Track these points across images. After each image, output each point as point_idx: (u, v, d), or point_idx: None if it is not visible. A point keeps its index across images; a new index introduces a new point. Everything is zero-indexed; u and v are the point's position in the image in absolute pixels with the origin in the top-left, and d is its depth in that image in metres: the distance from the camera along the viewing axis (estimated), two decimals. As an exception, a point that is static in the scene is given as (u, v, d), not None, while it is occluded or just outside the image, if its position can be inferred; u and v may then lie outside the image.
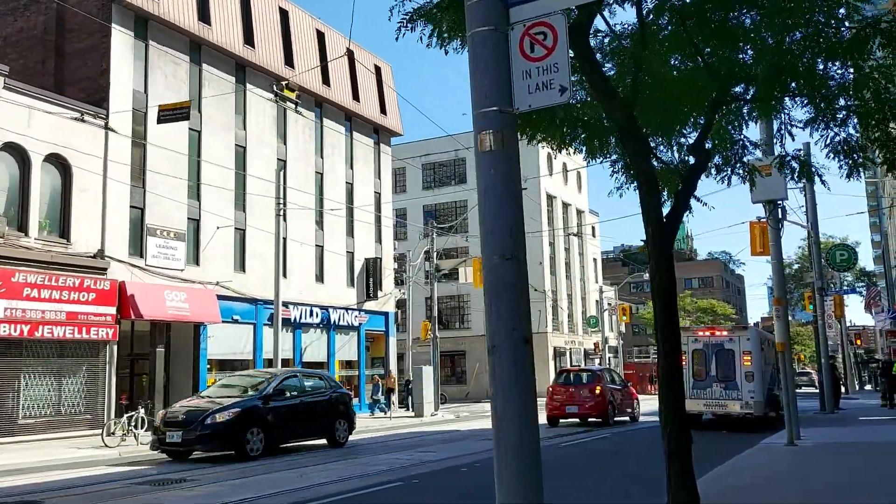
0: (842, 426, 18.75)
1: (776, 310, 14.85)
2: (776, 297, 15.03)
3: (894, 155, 8.45)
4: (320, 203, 32.02)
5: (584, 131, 6.43)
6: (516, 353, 3.79)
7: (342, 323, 32.36)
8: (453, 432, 20.90)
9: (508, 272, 3.86)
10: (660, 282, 5.76)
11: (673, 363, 6.23)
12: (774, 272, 15.86)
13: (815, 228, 25.61)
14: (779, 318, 14.76)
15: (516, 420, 3.74)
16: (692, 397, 20.38)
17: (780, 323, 14.76)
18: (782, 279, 15.84)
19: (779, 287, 15.75)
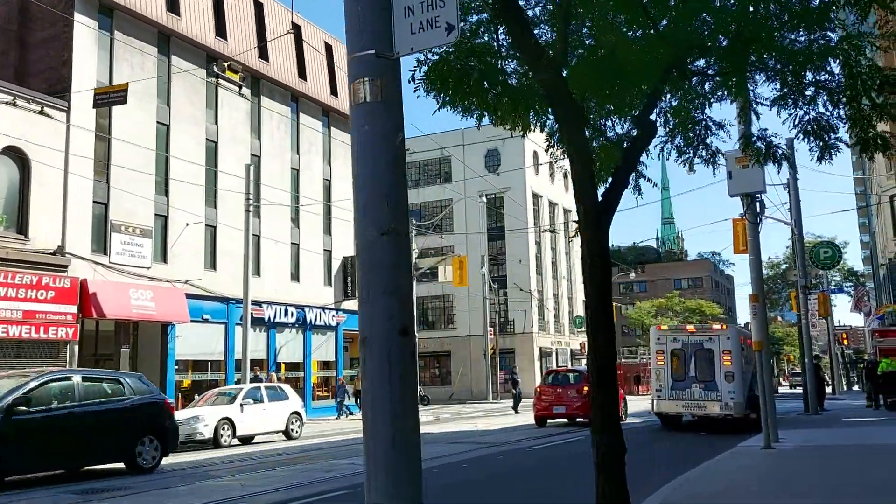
0: (823, 428, 18.17)
1: (753, 307, 14.24)
2: (753, 294, 14.42)
3: (867, 134, 7.83)
4: (296, 200, 31.29)
5: (507, 95, 5.74)
6: (391, 347, 3.13)
7: (319, 323, 31.63)
8: (423, 435, 20.19)
9: (384, 250, 3.21)
10: (592, 267, 5.09)
11: (607, 361, 5.51)
12: (752, 268, 15.25)
13: (798, 225, 25.04)
14: (755, 316, 14.14)
15: (388, 423, 3.08)
16: (671, 398, 19.82)
17: (756, 321, 14.15)
18: (760, 275, 15.24)
19: (756, 283, 15.14)
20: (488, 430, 21.42)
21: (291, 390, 21.77)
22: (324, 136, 33.27)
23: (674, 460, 13.25)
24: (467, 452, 14.62)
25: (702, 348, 19.67)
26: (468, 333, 54.55)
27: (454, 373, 55.36)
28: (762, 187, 15.03)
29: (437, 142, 40.45)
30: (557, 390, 22.71)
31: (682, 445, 16.57)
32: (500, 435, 19.46)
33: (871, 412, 24.08)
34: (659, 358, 20.17)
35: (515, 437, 18.78)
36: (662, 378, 20.03)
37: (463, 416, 31.91)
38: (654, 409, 20.23)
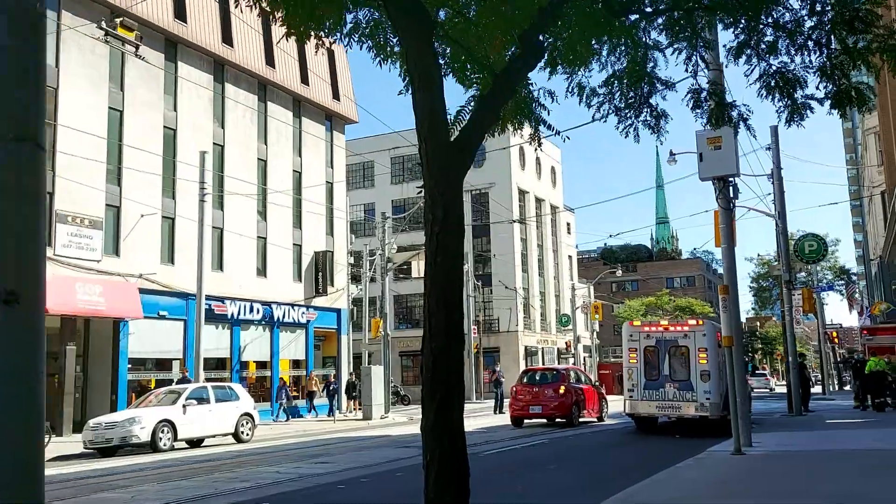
0: (803, 430, 17.00)
1: (723, 300, 13.06)
2: (723, 286, 13.24)
3: (839, 86, 6.64)
4: (263, 192, 30.04)
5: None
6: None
7: (287, 320, 30.39)
8: (378, 438, 18.97)
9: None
10: (433, 224, 3.89)
11: (445, 342, 4.22)
12: (725, 257, 14.08)
13: (782, 218, 23.89)
14: (726, 310, 12.96)
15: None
16: (644, 398, 18.65)
17: (727, 314, 12.97)
18: (733, 266, 14.06)
19: (728, 274, 13.97)
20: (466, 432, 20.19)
21: (243, 390, 20.54)
22: (294, 127, 32.02)
23: (638, 465, 12.09)
24: (409, 459, 13.41)
25: (676, 345, 18.51)
26: (452, 332, 53.27)
27: (437, 372, 54.13)
28: (735, 170, 13.87)
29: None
30: (534, 390, 22.11)
31: (651, 449, 15.42)
32: (462, 438, 18.25)
33: (858, 413, 22.94)
34: (631, 356, 19.00)
35: (478, 440, 17.57)
36: (635, 377, 18.85)
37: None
38: (626, 410, 19.07)
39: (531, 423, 22.03)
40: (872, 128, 45.84)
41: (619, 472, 11.47)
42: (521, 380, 23.35)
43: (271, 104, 30.79)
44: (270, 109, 30.68)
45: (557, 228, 62.53)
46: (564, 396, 21.84)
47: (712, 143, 13.99)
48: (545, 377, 22.95)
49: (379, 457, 13.45)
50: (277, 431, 22.36)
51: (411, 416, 31.94)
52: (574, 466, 11.84)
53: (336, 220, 34.17)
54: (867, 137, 46.39)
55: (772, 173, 24.30)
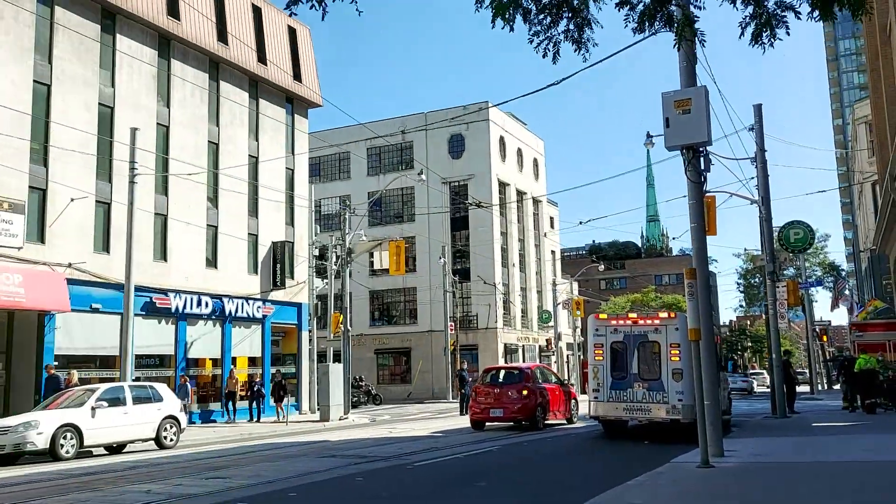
0: (786, 436, 15.20)
1: (689, 286, 11.20)
2: (689, 269, 11.37)
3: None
4: (215, 177, 28.06)
5: None
6: None
7: (241, 314, 28.42)
8: (311, 444, 16.93)
9: None
10: None
11: None
12: (694, 238, 12.22)
13: (766, 203, 22.11)
14: (692, 297, 11.11)
15: None
16: (610, 399, 16.82)
17: (693, 302, 11.12)
18: (703, 247, 12.20)
19: (698, 256, 12.12)
20: (409, 437, 18.34)
21: (167, 390, 18.55)
22: (250, 109, 30.03)
23: (584, 482, 10.28)
24: (331, 471, 11.53)
25: (646, 341, 16.68)
26: (429, 329, 51.50)
27: (414, 370, 52.28)
28: (706, 136, 12.00)
29: (394, 126, 37.23)
30: (495, 391, 20.53)
31: (609, 459, 13.58)
32: (409, 444, 16.39)
33: (847, 415, 21.20)
34: (597, 352, 17.16)
35: (423, 446, 15.70)
36: (600, 376, 17.01)
37: (405, 418, 28.88)
38: (590, 412, 17.23)
39: (494, 426, 20.44)
40: (863, 117, 44.21)
41: (559, 490, 9.62)
42: (483, 379, 21.82)
43: (224, 84, 28.79)
44: (223, 89, 28.69)
45: (540, 222, 60.71)
46: (528, 398, 20.00)
47: (680, 107, 12.14)
48: (509, 377, 21.31)
49: (290, 470, 11.55)
50: (213, 435, 20.41)
51: (376, 416, 30.10)
52: (507, 484, 9.99)
53: (298, 208, 32.21)
54: (857, 128, 44.78)
55: (755, 156, 22.53)
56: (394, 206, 55.61)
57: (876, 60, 24.78)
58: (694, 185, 12.34)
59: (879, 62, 23.45)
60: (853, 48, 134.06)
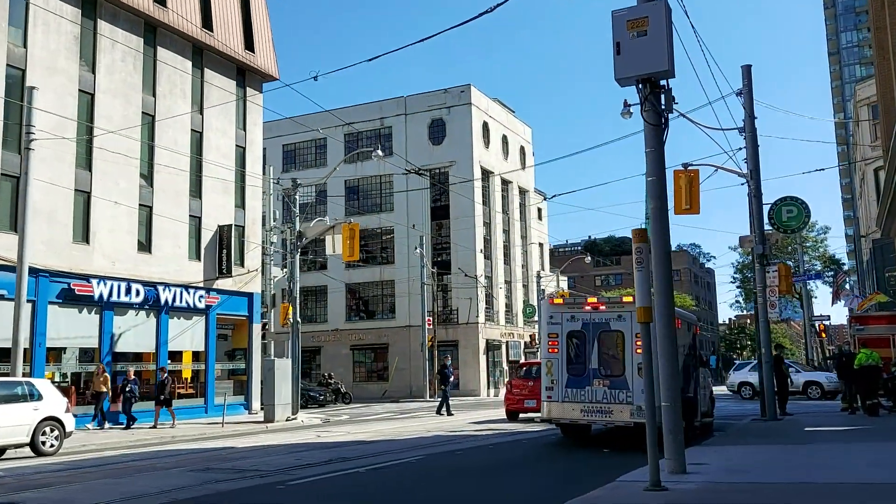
0: (772, 444, 12.60)
1: (637, 250, 8.57)
2: (638, 231, 8.73)
3: None
4: (150, 153, 25.45)
5: None
6: None
7: (180, 304, 25.81)
8: (209, 452, 14.39)
9: None
10: None
11: None
12: (651, 195, 9.60)
13: (755, 177, 19.48)
14: (640, 265, 8.48)
15: None
16: (565, 399, 14.24)
17: (642, 272, 8.50)
18: (664, 206, 9.58)
19: (657, 217, 9.51)
20: (336, 442, 15.82)
21: (50, 388, 15.91)
22: (194, 79, 27.40)
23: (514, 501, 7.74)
24: (172, 492, 8.95)
25: (609, 330, 14.08)
26: (407, 324, 48.88)
27: (390, 367, 49.68)
28: (666, 64, 9.39)
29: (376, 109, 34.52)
30: (529, 384, 21.99)
31: (552, 472, 10.99)
32: (323, 452, 13.81)
33: (846, 418, 18.60)
34: (551, 344, 14.58)
35: (338, 454, 13.13)
36: (555, 371, 14.43)
37: (365, 419, 26.30)
38: (543, 413, 14.64)
39: (526, 417, 21.73)
40: (865, 99, 41.58)
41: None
42: (518, 373, 24.33)
43: (163, 50, 26.16)
44: (161, 56, 26.06)
45: (527, 214, 58.07)
46: None
47: (635, 28, 9.54)
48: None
49: (122, 491, 8.96)
50: (119, 440, 17.79)
51: (334, 416, 27.50)
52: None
53: (250, 190, 29.58)
54: (860, 110, 42.14)
55: (743, 124, 19.91)
56: (371, 195, 53.01)
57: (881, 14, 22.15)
58: (652, 128, 9.73)
59: (886, 18, 20.80)
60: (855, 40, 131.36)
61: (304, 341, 54.23)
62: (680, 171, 18.78)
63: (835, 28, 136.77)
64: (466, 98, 50.33)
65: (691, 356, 16.11)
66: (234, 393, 28.46)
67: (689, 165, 19.12)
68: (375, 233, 52.60)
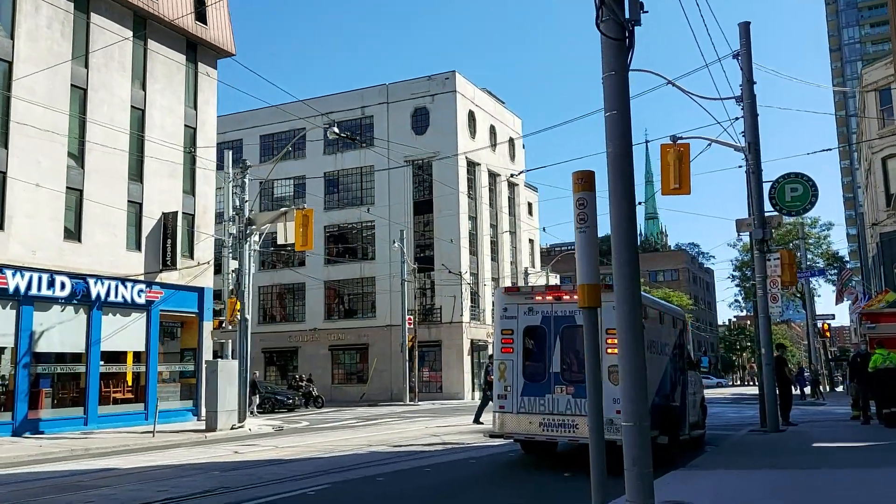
0: (776, 467, 9.98)
1: (579, 201, 5.85)
2: (578, 174, 6.05)
3: None
4: (80, 130, 22.87)
5: None
6: None
7: (116, 299, 23.22)
8: (55, 477, 11.82)
9: None
10: None
11: None
12: (610, 133, 6.96)
13: (755, 151, 16.88)
14: (583, 227, 5.84)
15: None
16: (521, 410, 11.64)
17: (586, 234, 5.85)
18: (626, 151, 6.93)
19: (620, 172, 6.88)
20: (249, 461, 13.22)
21: None
22: (135, 50, 24.84)
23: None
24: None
25: (574, 325, 11.45)
26: (388, 323, 46.27)
27: (369, 369, 47.07)
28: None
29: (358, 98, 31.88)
30: None
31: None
32: (201, 478, 11.21)
33: (859, 430, 15.99)
34: (505, 342, 11.98)
35: (218, 482, 10.54)
36: (509, 376, 11.83)
37: (322, 426, 23.66)
38: (494, 427, 12.03)
39: None
40: (872, 83, 38.94)
41: None
42: None
43: (97, 17, 23.58)
44: (95, 23, 23.49)
45: (516, 208, 55.47)
46: None
47: None
48: None
49: None
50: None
51: (293, 423, 24.87)
52: None
53: (202, 175, 26.98)
54: (866, 95, 39.52)
55: (741, 90, 17.32)
56: (352, 188, 50.39)
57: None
58: (612, 45, 7.11)
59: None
60: (857, 36, 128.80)
61: (281, 342, 51.90)
62: (668, 146, 16.30)
63: (836, 24, 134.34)
64: (451, 85, 47.76)
65: (678, 357, 13.53)
66: (181, 398, 25.93)
67: (680, 139, 16.61)
68: (355, 227, 50.06)
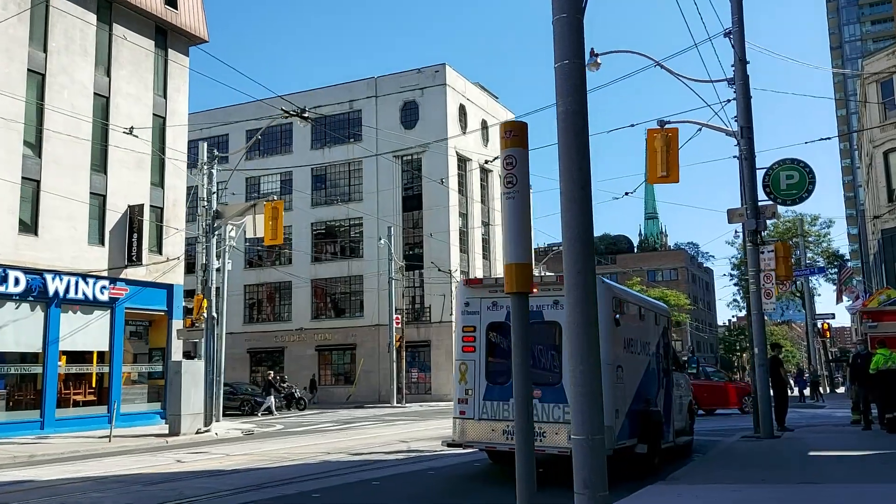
0: (766, 482, 8.76)
1: (507, 160, 4.43)
2: (509, 123, 4.46)
3: None
4: (38, 117, 21.68)
5: None
6: None
7: (76, 296, 22.03)
8: None
9: None
10: None
11: None
12: (560, 87, 5.76)
13: (747, 136, 15.68)
14: (511, 192, 4.59)
15: None
16: (482, 416, 10.44)
17: (513, 203, 4.54)
18: (580, 108, 5.73)
19: (573, 132, 5.66)
20: (181, 473, 12.04)
21: None
22: (100, 34, 23.65)
23: None
24: None
25: (541, 321, 10.24)
26: (376, 322, 45.09)
27: (356, 369, 45.87)
28: None
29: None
30: None
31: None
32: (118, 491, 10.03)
33: (859, 436, 14.78)
34: (466, 339, 10.79)
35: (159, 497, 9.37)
36: (470, 378, 10.64)
37: (296, 431, 22.44)
38: (454, 435, 10.83)
39: None
40: (874, 75, 37.74)
41: None
42: None
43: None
44: (56, 5, 22.30)
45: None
46: None
47: None
48: None
49: None
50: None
51: (265, 427, 23.69)
52: None
53: (171, 166, 25.79)
54: (867, 87, 38.31)
55: (733, 70, 16.13)
56: (339, 184, 49.21)
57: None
58: (564, -18, 5.90)
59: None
60: (858, 34, 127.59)
61: (267, 342, 50.68)
62: (655, 130, 15.18)
63: (837, 22, 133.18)
64: (441, 78, 46.57)
65: (660, 357, 12.33)
66: (149, 400, 24.77)
67: (667, 123, 15.45)
68: (343, 224, 48.87)
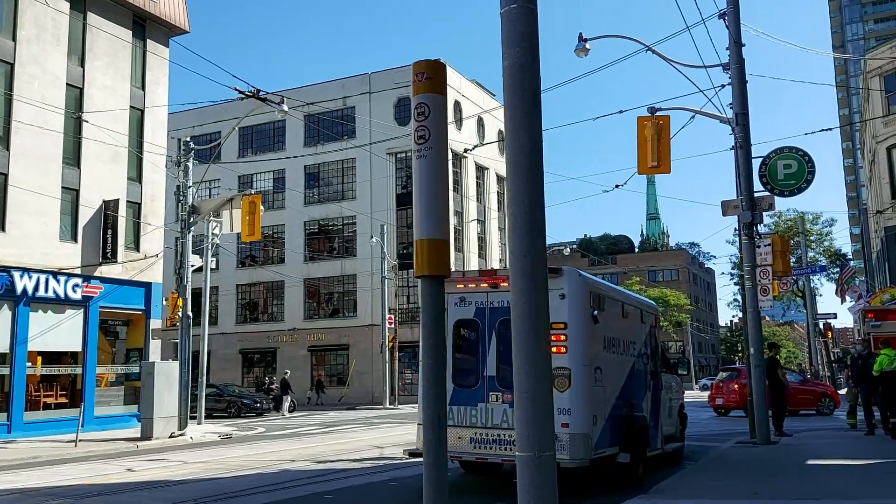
0: (760, 497, 7.85)
1: (418, 108, 3.56)
2: (421, 63, 3.68)
3: None
4: (7, 109, 20.84)
5: None
6: None
7: (46, 294, 21.17)
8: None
9: None
10: None
11: None
12: (507, 35, 4.89)
13: (742, 123, 14.78)
14: (422, 150, 3.61)
15: None
16: (449, 423, 9.48)
17: (424, 163, 3.61)
18: (532, 52, 4.86)
19: (526, 76, 4.78)
20: (122, 485, 11.16)
21: None
22: (73, 23, 22.82)
23: None
24: None
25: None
26: (369, 322, 44.25)
27: (349, 370, 44.99)
28: None
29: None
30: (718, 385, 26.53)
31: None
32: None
33: (861, 442, 13.87)
34: (432, 339, 9.86)
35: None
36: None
37: (278, 434, 21.58)
38: (418, 442, 9.94)
39: None
40: (877, 69, 36.81)
41: None
42: (719, 376, 28.89)
43: (27, -14, 21.60)
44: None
45: (505, 203, 53.37)
46: (741, 391, 22.83)
47: None
48: (730, 374, 27.10)
49: None
50: None
51: (246, 430, 22.85)
52: None
53: (150, 160, 24.93)
54: (870, 81, 37.38)
55: (728, 54, 15.23)
56: (333, 181, 48.38)
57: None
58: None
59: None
60: (861, 32, 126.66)
61: (260, 342, 49.84)
62: (645, 118, 14.37)
63: (839, 21, 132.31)
64: (435, 74, 45.62)
65: (647, 358, 11.43)
66: (125, 402, 23.90)
67: (659, 110, 14.60)
68: (336, 223, 48.03)
